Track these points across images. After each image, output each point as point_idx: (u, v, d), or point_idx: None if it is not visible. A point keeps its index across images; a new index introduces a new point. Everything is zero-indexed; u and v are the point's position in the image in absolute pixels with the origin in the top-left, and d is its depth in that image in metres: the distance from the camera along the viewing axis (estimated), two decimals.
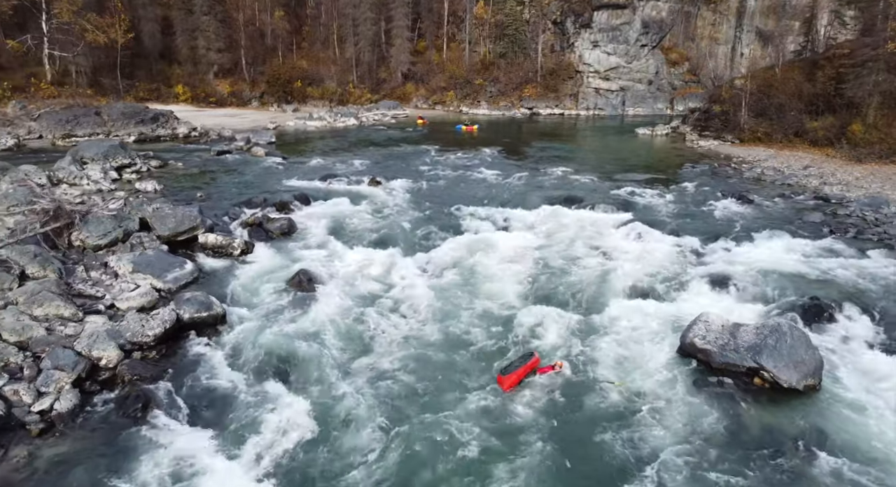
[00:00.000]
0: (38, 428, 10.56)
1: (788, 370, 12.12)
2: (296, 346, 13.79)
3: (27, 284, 14.60)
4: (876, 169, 29.77)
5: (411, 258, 19.54)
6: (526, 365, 12.38)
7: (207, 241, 19.43)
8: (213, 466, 10.02)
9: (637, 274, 18.07)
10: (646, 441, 10.70)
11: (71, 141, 37.43)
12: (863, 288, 16.68)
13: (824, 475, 10.01)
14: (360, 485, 9.69)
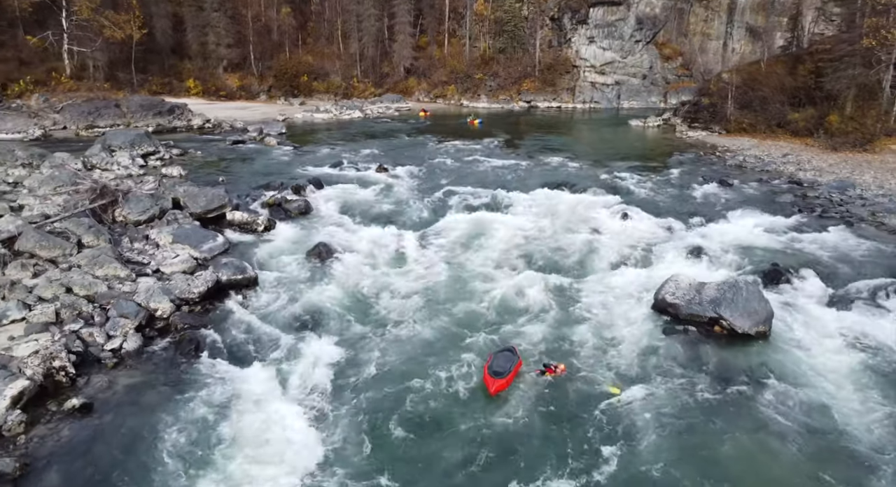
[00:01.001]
0: (111, 362, 12.57)
1: (743, 318, 14.15)
2: (318, 304, 15.83)
3: (85, 250, 16.61)
4: (849, 156, 31.73)
5: (417, 234, 21.50)
6: (514, 369, 12.31)
7: (234, 218, 21.43)
8: (254, 391, 11.99)
9: (621, 246, 20.12)
10: (621, 379, 12.65)
11: (93, 131, 39.39)
12: (819, 257, 18.70)
13: (769, 400, 11.98)
14: (379, 405, 11.71)
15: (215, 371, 12.68)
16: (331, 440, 10.65)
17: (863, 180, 27.13)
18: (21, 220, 17.97)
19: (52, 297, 14.05)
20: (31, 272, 15.15)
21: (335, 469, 9.89)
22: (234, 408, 11.42)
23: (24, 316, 13.23)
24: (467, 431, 10.94)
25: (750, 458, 10.26)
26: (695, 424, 11.15)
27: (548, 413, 11.49)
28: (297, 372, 12.79)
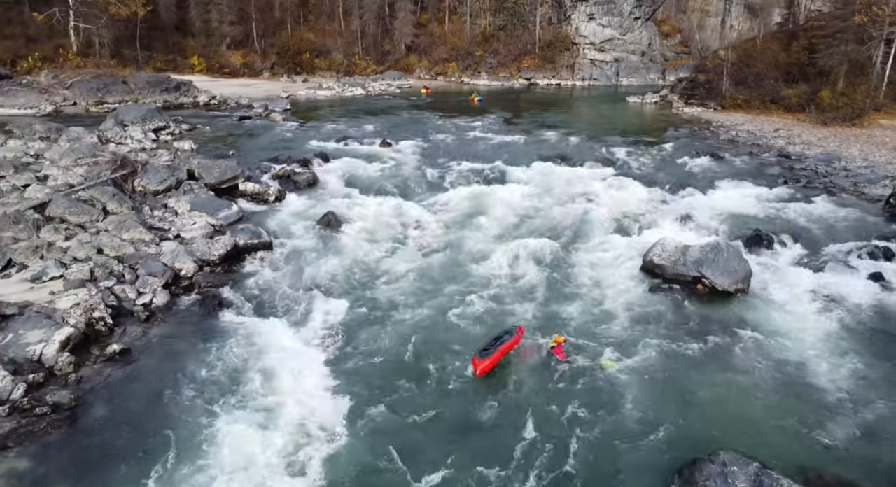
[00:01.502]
0: (143, 316, 13.70)
1: (723, 277, 15.27)
2: (328, 267, 16.94)
3: (111, 216, 17.67)
4: (838, 131, 32.61)
5: (420, 203, 22.54)
6: (502, 348, 12.20)
7: (247, 189, 22.46)
8: (274, 340, 13.14)
9: (614, 214, 21.19)
10: (610, 332, 13.75)
11: (103, 107, 40.20)
12: (800, 223, 19.78)
13: (744, 350, 13.10)
14: (382, 352, 12.88)
15: (236, 323, 13.84)
16: (338, 379, 11.86)
17: (848, 153, 28.08)
18: (49, 189, 19.01)
19: (86, 257, 15.15)
20: (63, 235, 16.24)
21: (342, 403, 11.11)
22: (254, 354, 12.56)
23: (62, 273, 14.33)
24: (459, 384, 12.13)
25: (725, 400, 11.36)
26: (677, 371, 12.26)
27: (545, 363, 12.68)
28: (309, 325, 13.96)
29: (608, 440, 10.14)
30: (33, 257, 14.79)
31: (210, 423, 10.30)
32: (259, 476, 9.20)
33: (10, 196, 18.50)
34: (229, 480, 9.11)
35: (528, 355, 12.79)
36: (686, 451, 9.50)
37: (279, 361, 12.30)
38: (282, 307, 14.86)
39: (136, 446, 9.80)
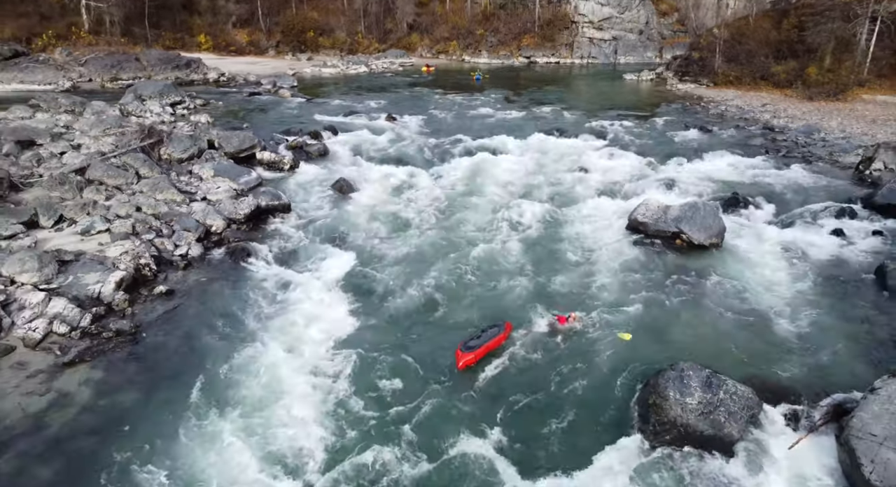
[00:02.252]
0: (182, 264, 15.34)
1: (700, 232, 16.87)
2: (342, 225, 18.61)
3: (144, 180, 19.23)
4: (822, 105, 33.97)
5: (424, 172, 24.04)
6: (487, 345, 12.03)
7: (263, 158, 23.97)
8: (296, 284, 14.81)
9: (605, 181, 22.75)
10: (598, 280, 15.33)
11: (117, 83, 41.57)
12: (775, 187, 21.34)
13: (715, 292, 14.70)
14: (390, 294, 14.57)
15: (262, 271, 15.53)
16: (354, 314, 13.63)
17: (828, 125, 29.51)
18: (84, 155, 20.57)
19: (126, 215, 16.75)
20: (104, 195, 17.82)
21: (355, 330, 12.89)
22: (279, 295, 14.32)
23: (108, 227, 15.94)
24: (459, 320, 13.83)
25: (693, 331, 12.99)
26: (654, 310, 13.86)
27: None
28: (326, 272, 15.64)
29: (590, 359, 11.84)
30: (81, 213, 16.39)
31: (244, 347, 12.01)
32: (289, 389, 10.86)
33: (51, 162, 20.06)
34: (262, 387, 10.83)
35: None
36: (657, 367, 11.17)
37: (300, 300, 14.05)
38: (302, 258, 16.52)
39: (185, 364, 11.49)
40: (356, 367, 11.55)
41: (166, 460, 9.08)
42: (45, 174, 18.63)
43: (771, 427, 9.85)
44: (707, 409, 9.58)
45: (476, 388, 11.10)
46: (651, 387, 10.28)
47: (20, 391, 10.26)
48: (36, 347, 11.45)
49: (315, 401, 10.55)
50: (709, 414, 9.54)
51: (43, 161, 19.97)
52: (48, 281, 13.12)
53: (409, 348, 12.33)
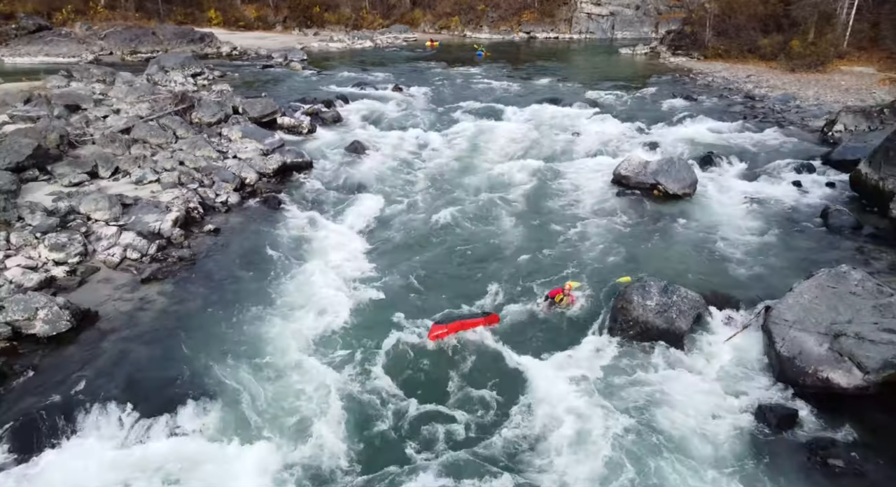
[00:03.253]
0: (223, 209, 17.62)
1: (674, 183, 19.10)
2: (359, 179, 20.84)
3: (182, 139, 21.43)
4: (802, 76, 35.87)
5: (430, 135, 26.17)
6: (464, 322, 12.05)
7: (284, 122, 26.10)
8: (320, 226, 17.07)
9: (595, 143, 24.87)
10: (585, 225, 17.56)
11: (136, 56, 43.47)
12: (747, 147, 23.47)
13: (684, 231, 16.93)
14: (402, 231, 16.89)
15: (292, 214, 17.80)
16: (370, 245, 16.03)
17: (804, 94, 31.50)
18: (125, 118, 22.73)
19: (172, 168, 18.96)
20: (149, 152, 20.03)
21: (374, 257, 15.24)
22: (307, 233, 16.58)
23: (158, 178, 18.18)
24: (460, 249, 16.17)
25: (665, 261, 15.15)
26: (633, 247, 16.04)
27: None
28: (347, 216, 17.93)
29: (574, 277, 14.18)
30: (133, 166, 18.61)
31: (282, 267, 14.37)
32: (320, 292, 13.22)
33: (97, 123, 22.23)
34: (297, 293, 13.20)
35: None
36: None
37: (325, 236, 16.40)
38: (324, 205, 18.82)
39: (235, 280, 13.80)
40: (371, 281, 13.97)
41: (224, 345, 11.41)
42: (97, 133, 20.81)
43: (713, 325, 12.21)
44: (662, 309, 11.91)
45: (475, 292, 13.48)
46: (620, 296, 12.61)
47: (111, 297, 12.62)
48: (116, 268, 13.79)
49: (340, 302, 12.94)
50: (663, 313, 11.87)
51: (90, 122, 22.16)
52: (116, 219, 15.43)
53: (413, 270, 14.66)
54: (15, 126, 20.41)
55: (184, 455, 9.11)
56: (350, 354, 11.45)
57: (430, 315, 12.64)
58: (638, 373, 11.08)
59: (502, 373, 11.07)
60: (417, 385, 10.79)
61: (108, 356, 10.81)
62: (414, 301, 13.38)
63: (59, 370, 10.39)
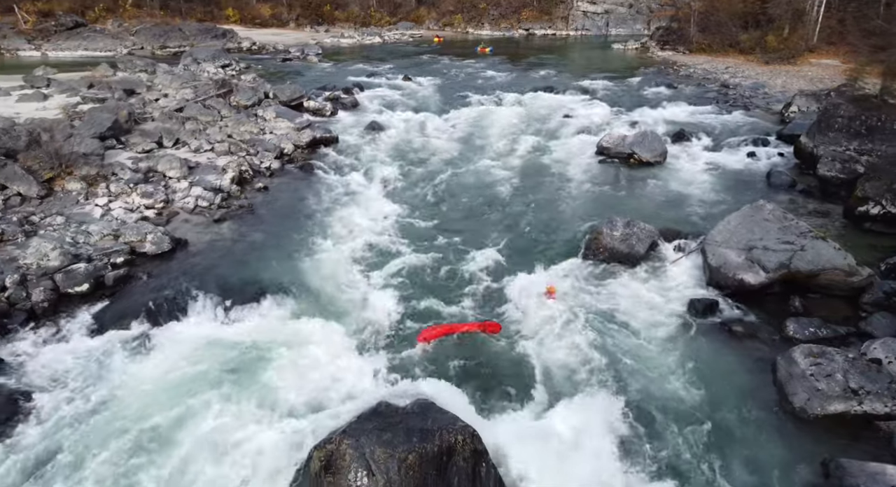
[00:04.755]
0: (268, 173, 20.84)
1: (647, 152, 22.29)
2: (378, 152, 24.06)
3: (226, 118, 24.66)
4: (775, 68, 38.98)
5: (439, 117, 29.36)
6: (456, 325, 12.27)
7: (310, 106, 29.33)
8: (350, 184, 20.31)
9: (584, 123, 28.01)
10: (570, 184, 20.85)
11: (166, 51, 46.64)
12: (715, 126, 26.66)
13: (654, 189, 20.12)
14: (418, 189, 20.13)
15: (325, 177, 21.02)
16: (393, 199, 19.18)
17: (773, 83, 34.64)
18: (175, 101, 25.97)
19: (222, 140, 22.20)
20: (201, 127, 23.27)
21: (395, 206, 18.48)
22: (339, 189, 19.79)
23: (212, 147, 21.42)
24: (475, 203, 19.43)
25: (634, 209, 18.36)
26: (610, 197, 19.31)
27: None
28: (372, 178, 21.13)
29: (556, 223, 17.42)
30: (190, 138, 21.85)
31: (321, 213, 17.62)
32: (353, 226, 16.56)
33: (152, 104, 25.48)
34: (336, 230, 16.47)
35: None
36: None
37: (355, 192, 19.61)
38: (351, 170, 21.97)
39: (286, 222, 17.03)
40: (392, 219, 17.32)
41: (285, 260, 14.65)
42: (155, 112, 24.06)
43: (664, 251, 15.41)
44: (625, 237, 15.13)
45: (479, 230, 16.74)
46: (593, 230, 15.85)
47: (193, 231, 15.87)
48: (191, 212, 17.04)
49: (370, 231, 16.36)
50: (626, 241, 15.09)
51: (147, 104, 25.41)
52: (185, 177, 18.68)
53: (427, 215, 17.94)
54: (88, 105, 23.68)
55: (265, 329, 12.33)
56: (379, 262, 14.84)
57: (439, 241, 15.95)
58: (604, 283, 14.33)
59: (498, 278, 14.35)
60: (427, 280, 14.16)
61: (201, 267, 14.09)
62: (427, 233, 16.67)
63: (167, 275, 13.67)
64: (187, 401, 10.04)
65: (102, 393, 10.23)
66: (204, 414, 9.81)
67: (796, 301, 12.75)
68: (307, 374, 10.81)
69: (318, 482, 7.93)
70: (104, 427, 9.53)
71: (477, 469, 8.12)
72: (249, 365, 11.08)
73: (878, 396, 9.35)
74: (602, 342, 11.97)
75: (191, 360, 11.17)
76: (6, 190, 15.58)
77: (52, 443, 9.17)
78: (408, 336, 12.30)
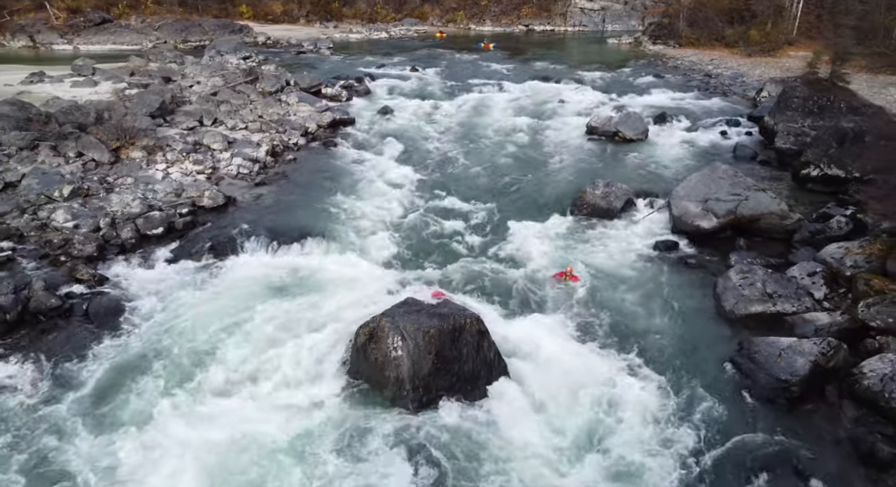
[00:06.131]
0: (295, 148, 23.52)
1: (631, 131, 24.93)
2: (391, 131, 26.68)
3: (255, 101, 27.34)
4: (757, 60, 41.51)
5: (444, 103, 31.98)
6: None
7: (327, 92, 31.98)
8: (369, 157, 23.00)
9: (576, 108, 30.63)
10: (562, 157, 23.52)
11: (187, 45, 49.24)
12: (695, 110, 29.27)
13: (635, 160, 22.77)
14: (429, 164, 22.84)
15: (347, 151, 23.74)
16: (407, 167, 21.88)
17: (752, 73, 37.21)
18: (209, 86, 28.66)
19: (254, 120, 24.89)
20: (234, 109, 25.96)
21: (411, 173, 21.18)
22: (358, 162, 22.47)
23: (246, 125, 24.11)
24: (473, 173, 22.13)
25: (618, 174, 20.84)
26: (596, 166, 21.89)
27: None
28: (387, 153, 23.80)
29: (549, 187, 20.09)
30: (227, 118, 24.53)
31: (345, 178, 20.29)
32: (377, 189, 19.27)
33: (188, 90, 28.17)
34: (360, 191, 19.19)
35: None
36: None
37: (373, 165, 22.23)
38: (369, 146, 24.69)
39: (318, 183, 19.70)
40: (406, 186, 20.01)
41: (318, 213, 17.33)
42: (192, 96, 26.77)
43: (638, 207, 18.13)
44: (605, 195, 17.81)
45: (482, 191, 19.44)
46: (580, 191, 18.53)
47: (238, 192, 18.55)
48: (235, 178, 19.73)
49: (387, 191, 19.19)
50: (605, 198, 17.77)
51: (183, 89, 28.09)
52: (226, 149, 21.37)
53: (436, 181, 20.64)
54: (134, 90, 26.39)
55: (306, 262, 15.04)
56: (396, 214, 17.81)
57: (447, 200, 18.68)
58: (587, 231, 17.07)
59: (500, 226, 17.11)
60: (437, 228, 17.02)
61: (249, 217, 16.79)
62: (436, 194, 19.42)
63: (223, 222, 16.39)
64: (251, 307, 12.74)
65: (183, 302, 12.96)
66: (264, 316, 12.50)
67: (741, 241, 15.46)
68: (343, 290, 13.53)
69: (364, 350, 10.66)
70: (188, 322, 12.22)
71: (481, 343, 10.83)
72: (297, 286, 13.81)
73: (787, 298, 12.06)
74: (583, 267, 14.69)
75: (249, 282, 13.90)
76: (84, 156, 18.29)
77: (152, 332, 11.89)
78: (420, 263, 15.08)
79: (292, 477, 8.71)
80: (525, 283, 13.95)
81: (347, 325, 11.77)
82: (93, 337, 11.57)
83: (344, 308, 12.72)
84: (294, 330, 11.98)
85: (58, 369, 10.74)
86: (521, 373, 10.90)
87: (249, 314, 12.47)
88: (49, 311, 11.80)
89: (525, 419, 9.89)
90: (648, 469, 8.88)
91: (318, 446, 9.27)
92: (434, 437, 9.40)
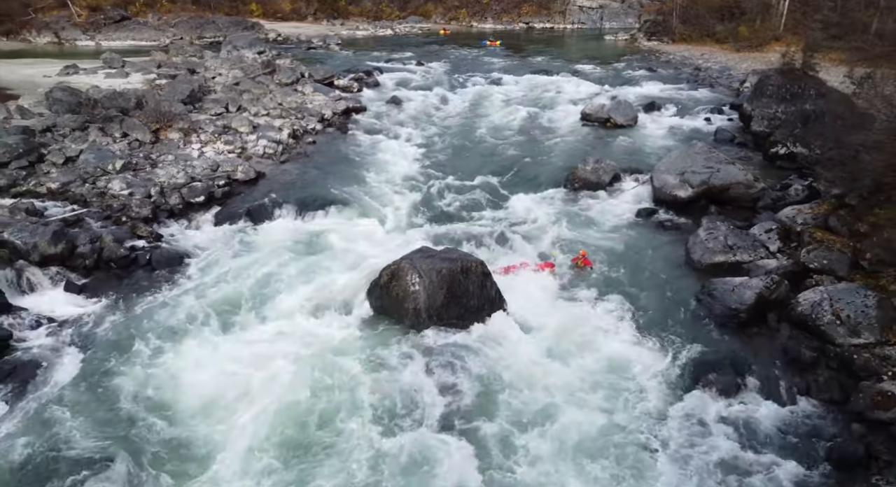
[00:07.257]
0: (313, 133, 25.53)
1: (621, 117, 26.89)
2: (401, 117, 28.78)
3: (275, 91, 29.32)
4: (745, 55, 43.39)
5: (448, 94, 34.00)
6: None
7: (339, 84, 33.98)
8: (378, 142, 24.98)
9: (572, 97, 32.60)
10: (557, 141, 25.52)
11: (202, 40, 51.21)
12: (683, 99, 31.23)
13: (625, 143, 24.72)
14: (436, 147, 24.84)
15: (361, 135, 25.76)
16: (416, 149, 23.88)
17: (739, 66, 39.11)
18: (231, 77, 30.66)
19: (275, 107, 26.89)
20: (256, 97, 27.95)
21: (419, 155, 23.19)
22: (372, 143, 24.50)
23: (268, 112, 26.12)
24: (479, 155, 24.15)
25: (612, 155, 22.74)
26: (590, 149, 23.86)
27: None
28: (398, 136, 25.83)
29: (545, 166, 22.09)
30: (250, 105, 26.53)
31: (361, 157, 22.34)
32: (390, 166, 21.30)
33: (212, 80, 30.17)
34: (375, 165, 21.22)
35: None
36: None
37: (387, 147, 24.25)
38: (381, 130, 26.68)
39: (337, 161, 21.76)
40: (415, 165, 21.99)
41: (339, 185, 19.34)
42: (217, 86, 28.77)
43: (624, 182, 20.14)
44: (594, 171, 19.80)
45: (484, 169, 21.44)
46: (572, 168, 20.52)
47: (266, 168, 20.58)
48: (261, 157, 21.74)
49: (400, 171, 21.26)
50: (595, 172, 19.76)
51: (207, 80, 30.09)
52: (252, 132, 23.38)
53: (443, 162, 22.65)
54: (163, 81, 28.41)
55: (331, 226, 17.03)
56: (407, 187, 19.74)
57: (452, 176, 20.69)
58: (577, 203, 19.07)
59: (501, 198, 19.14)
60: (444, 199, 18.93)
61: (278, 189, 18.82)
62: (442, 171, 21.41)
63: (256, 193, 18.43)
64: (287, 260, 14.80)
65: (230, 254, 15.05)
66: (299, 267, 14.55)
67: (712, 208, 17.45)
68: (365, 245, 15.59)
69: (387, 286, 12.69)
70: (237, 270, 14.27)
71: (485, 283, 12.85)
72: (325, 244, 15.86)
73: (745, 249, 14.07)
74: (574, 230, 16.74)
75: (283, 241, 15.98)
76: (128, 136, 20.32)
77: (207, 277, 13.93)
78: (431, 225, 17.16)
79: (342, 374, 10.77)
80: (522, 240, 15.97)
81: (370, 272, 13.78)
82: (158, 279, 13.64)
83: (367, 257, 14.75)
84: (326, 276, 14.02)
85: (131, 305, 12.78)
86: (516, 308, 12.92)
87: (286, 265, 14.53)
88: (119, 260, 13.86)
89: (519, 340, 11.94)
90: (622, 370, 10.94)
91: (352, 357, 11.32)
92: (444, 351, 11.46)
